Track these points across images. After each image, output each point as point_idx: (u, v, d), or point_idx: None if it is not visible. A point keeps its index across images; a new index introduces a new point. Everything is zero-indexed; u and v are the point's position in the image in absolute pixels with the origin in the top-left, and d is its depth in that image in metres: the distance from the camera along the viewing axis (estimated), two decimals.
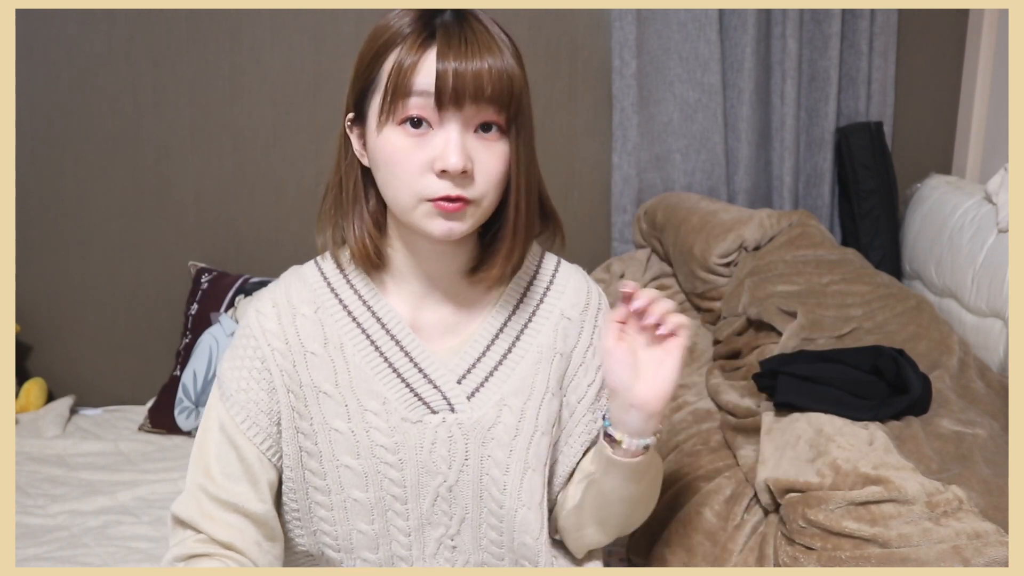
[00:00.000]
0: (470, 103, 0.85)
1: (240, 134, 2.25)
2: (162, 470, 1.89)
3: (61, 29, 2.17)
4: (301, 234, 2.28)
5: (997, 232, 1.70)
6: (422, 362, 0.97)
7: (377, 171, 0.90)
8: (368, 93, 0.89)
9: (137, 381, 2.30)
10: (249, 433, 0.95)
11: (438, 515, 0.98)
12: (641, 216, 2.13)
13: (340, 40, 2.20)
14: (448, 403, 0.97)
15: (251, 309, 0.98)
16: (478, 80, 0.84)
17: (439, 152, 0.85)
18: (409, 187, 0.87)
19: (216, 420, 0.96)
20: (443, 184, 0.86)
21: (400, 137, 0.86)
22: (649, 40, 2.15)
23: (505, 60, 0.86)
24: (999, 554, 0.96)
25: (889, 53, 2.18)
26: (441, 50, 0.84)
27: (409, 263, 0.97)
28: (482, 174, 0.88)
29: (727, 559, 1.13)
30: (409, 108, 0.85)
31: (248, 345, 0.96)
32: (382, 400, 0.95)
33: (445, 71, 0.84)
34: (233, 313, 2.09)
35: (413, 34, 0.86)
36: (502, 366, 0.99)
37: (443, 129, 0.86)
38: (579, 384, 1.02)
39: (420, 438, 0.96)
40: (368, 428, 0.95)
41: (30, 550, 1.54)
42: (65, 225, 2.26)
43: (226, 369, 0.97)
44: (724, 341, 1.67)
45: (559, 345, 1.01)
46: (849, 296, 1.63)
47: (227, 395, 0.96)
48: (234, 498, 0.94)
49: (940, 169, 2.24)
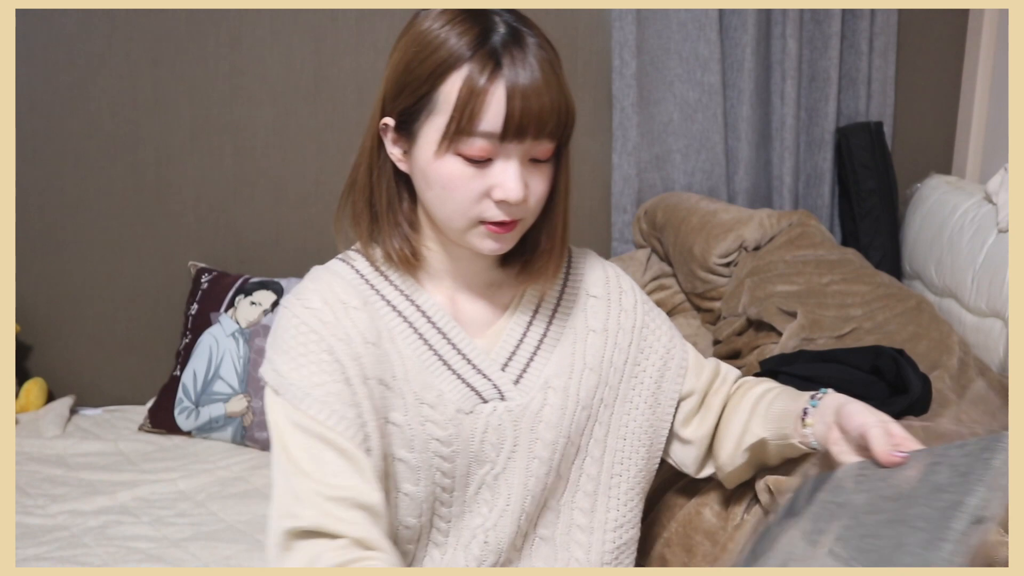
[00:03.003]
0: (532, 138, 0.87)
1: (240, 134, 2.24)
2: (162, 470, 1.89)
3: (61, 29, 2.17)
4: (301, 234, 2.28)
5: (997, 232, 1.70)
6: (469, 352, 0.98)
7: (429, 189, 0.91)
8: (420, 113, 0.89)
9: (137, 381, 2.30)
10: (339, 427, 0.89)
11: (479, 504, 0.99)
12: (641, 216, 2.13)
13: (340, 40, 2.20)
14: (498, 391, 0.98)
15: (292, 309, 0.94)
16: (542, 116, 0.86)
17: (499, 181, 0.88)
18: (465, 212, 0.90)
19: (294, 428, 0.90)
20: (499, 211, 0.89)
21: (461, 166, 0.88)
22: (649, 40, 2.15)
23: (563, 89, 0.88)
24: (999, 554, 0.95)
25: (889, 53, 2.18)
26: (510, 88, 0.85)
27: (443, 261, 0.99)
28: (532, 196, 0.91)
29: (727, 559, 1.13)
30: (474, 146, 0.86)
31: (309, 340, 0.91)
32: (437, 392, 0.96)
33: (513, 112, 0.85)
34: (233, 313, 2.09)
35: (476, 62, 0.85)
36: (541, 349, 1.02)
37: (503, 159, 0.88)
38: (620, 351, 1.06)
39: (473, 428, 0.97)
40: (424, 421, 0.95)
41: (30, 550, 1.54)
42: (65, 225, 2.26)
43: (288, 372, 0.90)
44: (724, 341, 1.67)
45: (591, 322, 1.06)
46: (849, 296, 1.63)
47: (300, 397, 0.89)
48: (350, 492, 0.86)
49: (940, 169, 2.24)
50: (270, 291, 2.10)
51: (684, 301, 1.96)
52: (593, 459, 1.04)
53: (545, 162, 0.91)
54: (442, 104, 0.86)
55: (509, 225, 0.90)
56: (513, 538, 1.00)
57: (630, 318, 1.08)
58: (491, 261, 1.01)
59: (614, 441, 1.05)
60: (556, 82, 0.87)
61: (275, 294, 2.09)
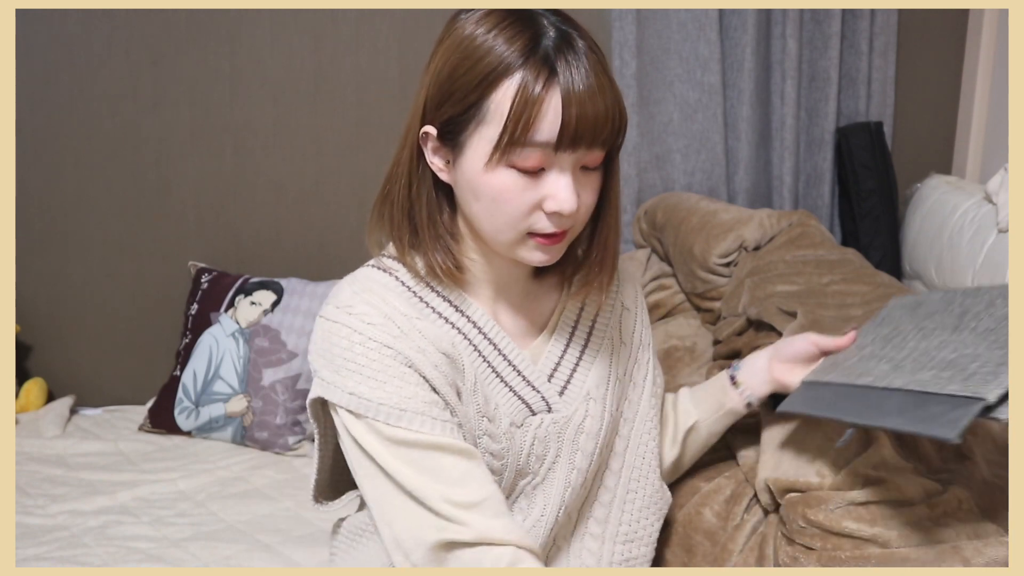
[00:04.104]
0: (586, 148, 0.84)
1: (240, 134, 2.25)
2: (162, 470, 1.89)
3: (61, 29, 2.17)
4: (301, 234, 2.28)
5: (997, 232, 1.70)
6: (519, 364, 0.97)
7: (477, 202, 0.87)
8: (468, 123, 0.84)
9: (137, 381, 2.30)
10: (445, 432, 0.87)
11: (515, 513, 0.99)
12: (641, 216, 2.13)
13: (340, 40, 2.21)
14: (546, 403, 0.98)
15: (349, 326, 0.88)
16: (597, 124, 0.83)
17: (551, 192, 0.84)
18: (516, 224, 0.86)
19: (396, 446, 0.86)
20: (551, 222, 0.87)
21: (513, 178, 0.84)
22: (649, 40, 2.15)
23: (616, 94, 0.84)
24: (999, 554, 0.96)
25: (889, 53, 2.17)
26: (565, 96, 0.81)
27: (484, 270, 0.97)
28: (583, 206, 0.88)
29: (727, 559, 1.13)
30: (528, 157, 0.83)
31: (384, 356, 0.87)
32: (495, 406, 0.94)
33: (569, 121, 0.81)
34: (233, 313, 2.09)
35: (530, 69, 0.81)
36: (583, 361, 1.02)
37: (556, 171, 0.85)
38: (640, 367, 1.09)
39: (522, 441, 0.96)
40: (481, 435, 0.93)
41: (30, 550, 1.54)
42: (65, 225, 2.26)
43: (369, 392, 0.86)
44: (724, 341, 1.67)
45: (624, 335, 1.07)
46: (849, 296, 1.63)
47: (397, 415, 0.85)
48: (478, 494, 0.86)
49: (940, 169, 2.24)
50: (270, 291, 2.10)
51: (684, 301, 1.96)
52: (612, 471, 1.05)
53: (594, 170, 0.88)
54: (493, 113, 0.82)
55: (559, 236, 0.88)
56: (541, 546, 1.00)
57: (648, 335, 1.11)
58: (530, 271, 1.00)
59: (632, 457, 1.06)
60: (610, 86, 0.83)
61: (275, 294, 2.09)
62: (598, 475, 1.04)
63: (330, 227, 2.26)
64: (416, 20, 2.18)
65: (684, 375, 1.69)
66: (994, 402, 0.75)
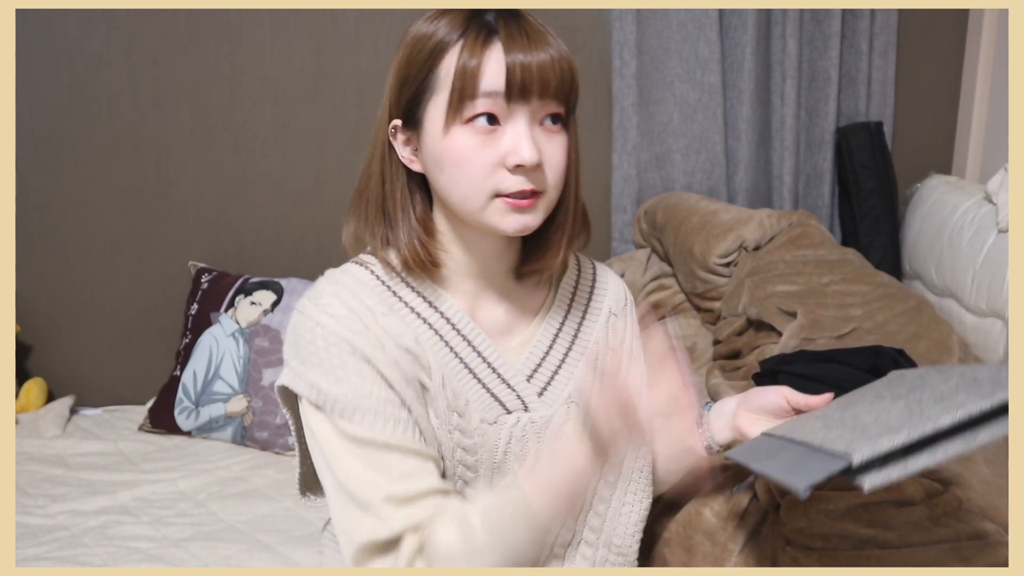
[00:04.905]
0: (537, 97, 0.86)
1: (240, 134, 2.25)
2: (162, 470, 1.89)
3: (61, 29, 2.17)
4: (301, 234, 2.28)
5: (997, 232, 1.70)
6: (494, 361, 0.97)
7: (441, 172, 0.89)
8: (423, 99, 0.88)
9: (137, 381, 2.30)
10: (397, 432, 0.87)
11: None
12: (641, 216, 2.13)
13: (340, 40, 2.21)
14: (522, 402, 0.97)
15: (315, 318, 0.89)
16: (544, 73, 0.85)
17: (511, 147, 0.86)
18: (481, 185, 0.87)
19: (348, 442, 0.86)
20: (517, 179, 0.87)
21: (469, 136, 0.86)
22: (649, 40, 2.15)
23: (563, 51, 0.88)
24: (999, 554, 0.96)
25: (889, 53, 2.18)
26: (507, 45, 0.85)
27: (462, 264, 0.96)
28: (550, 166, 0.89)
29: (727, 559, 1.13)
30: (478, 107, 0.85)
31: (343, 352, 0.88)
32: (464, 401, 0.94)
33: (514, 65, 0.84)
34: (233, 313, 2.09)
35: (470, 35, 0.86)
36: (565, 364, 1.02)
37: (512, 124, 0.86)
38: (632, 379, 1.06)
39: (496, 439, 0.95)
40: (452, 429, 0.93)
41: (30, 550, 1.54)
42: (65, 225, 2.26)
43: (328, 387, 0.87)
44: (724, 341, 1.67)
45: (611, 341, 1.05)
46: (849, 296, 1.63)
47: (351, 411, 0.86)
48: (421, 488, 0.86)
49: (940, 169, 2.24)
50: (270, 291, 2.10)
51: (684, 301, 1.96)
52: (607, 483, 1.04)
53: (558, 129, 0.89)
54: (442, 79, 0.86)
55: (529, 198, 0.87)
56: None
57: (637, 347, 1.09)
58: (509, 264, 0.98)
59: (629, 471, 1.05)
60: (555, 43, 0.87)
61: (275, 294, 2.09)
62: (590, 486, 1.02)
63: (330, 227, 2.26)
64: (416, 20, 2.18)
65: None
66: (858, 465, 0.73)
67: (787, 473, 0.80)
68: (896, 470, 0.73)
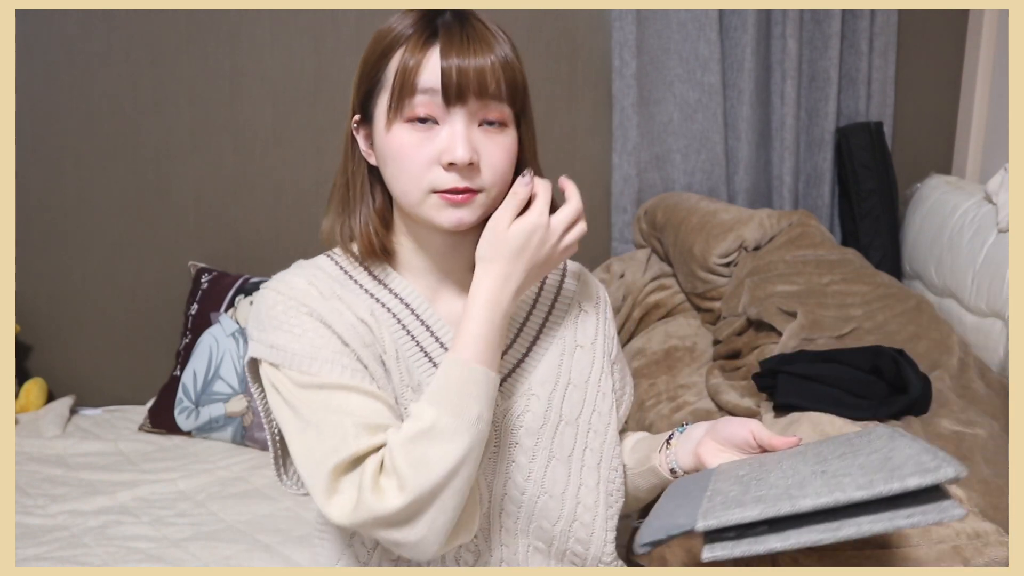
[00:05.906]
0: (474, 98, 0.88)
1: (240, 134, 2.25)
2: (162, 470, 1.89)
3: (61, 29, 2.17)
4: (301, 234, 2.28)
5: (997, 232, 1.70)
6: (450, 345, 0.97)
7: (385, 167, 0.92)
8: (374, 94, 0.92)
9: (137, 381, 2.30)
10: (355, 378, 0.89)
11: None
12: (641, 216, 2.13)
13: (340, 40, 2.21)
14: None
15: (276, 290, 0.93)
16: (480, 76, 0.87)
17: (446, 145, 0.88)
18: (417, 181, 0.89)
19: (306, 389, 0.89)
20: (451, 176, 0.89)
21: (408, 133, 0.89)
22: (649, 40, 2.15)
23: (506, 55, 0.90)
24: (999, 554, 0.96)
25: (889, 53, 2.18)
26: (444, 48, 0.87)
27: (420, 258, 0.99)
28: (488, 166, 0.90)
29: None
30: (416, 106, 0.88)
31: (302, 314, 0.91)
32: (417, 382, 0.95)
33: (449, 68, 0.87)
34: (233, 313, 2.09)
35: (416, 34, 0.89)
36: (529, 357, 1.02)
37: (449, 124, 0.89)
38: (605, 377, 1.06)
39: None
40: (407, 403, 0.94)
41: (30, 550, 1.54)
42: (65, 225, 2.26)
43: (287, 343, 0.90)
44: (724, 341, 1.67)
45: (579, 338, 1.05)
46: (849, 296, 1.63)
47: (308, 362, 0.89)
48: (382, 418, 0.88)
49: (940, 169, 2.24)
50: None
51: (684, 301, 1.96)
52: (588, 488, 1.03)
53: (499, 130, 0.91)
54: (388, 78, 0.90)
55: (462, 195, 0.89)
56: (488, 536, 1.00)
57: (613, 347, 1.09)
58: (468, 259, 0.98)
59: (607, 472, 1.04)
60: (497, 45, 0.89)
61: None
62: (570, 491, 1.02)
63: None
64: None
65: (684, 375, 1.69)
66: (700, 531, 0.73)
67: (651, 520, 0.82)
68: (742, 546, 0.72)
